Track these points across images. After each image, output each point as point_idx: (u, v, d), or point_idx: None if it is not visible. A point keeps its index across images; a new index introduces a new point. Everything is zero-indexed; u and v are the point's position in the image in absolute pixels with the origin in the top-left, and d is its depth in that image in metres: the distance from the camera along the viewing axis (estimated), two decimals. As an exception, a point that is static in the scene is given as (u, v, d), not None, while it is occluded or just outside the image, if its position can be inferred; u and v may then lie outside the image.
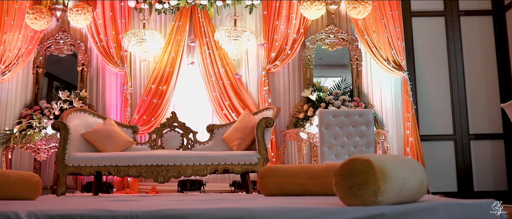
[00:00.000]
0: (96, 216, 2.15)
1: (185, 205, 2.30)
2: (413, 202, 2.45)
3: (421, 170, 2.60)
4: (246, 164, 4.70)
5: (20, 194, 3.69)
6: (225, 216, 2.12)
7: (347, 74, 6.68)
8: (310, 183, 3.53)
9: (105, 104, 6.60)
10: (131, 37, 6.17)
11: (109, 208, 2.20)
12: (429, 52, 7.01)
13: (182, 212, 2.14)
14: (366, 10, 6.27)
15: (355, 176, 2.27)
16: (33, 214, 2.18)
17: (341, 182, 2.32)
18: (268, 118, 4.75)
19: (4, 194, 3.63)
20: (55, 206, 2.51)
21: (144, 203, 2.64)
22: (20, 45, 6.52)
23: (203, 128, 5.93)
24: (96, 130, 5.19)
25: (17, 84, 6.62)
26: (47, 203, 2.98)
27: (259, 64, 6.62)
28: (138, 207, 2.20)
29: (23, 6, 6.59)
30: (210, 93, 6.41)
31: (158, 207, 2.21)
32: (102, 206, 2.36)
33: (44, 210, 2.19)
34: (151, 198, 3.58)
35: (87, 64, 6.62)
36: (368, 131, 5.01)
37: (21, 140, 5.84)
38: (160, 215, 2.14)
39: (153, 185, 6.09)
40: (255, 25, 6.69)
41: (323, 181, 3.51)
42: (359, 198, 2.25)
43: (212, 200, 3.01)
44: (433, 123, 6.84)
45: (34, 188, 3.77)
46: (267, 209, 2.16)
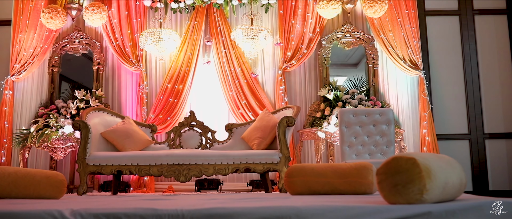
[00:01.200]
0: (141, 215, 2.14)
1: (229, 204, 2.29)
2: (453, 200, 2.44)
3: (459, 168, 2.59)
4: (267, 163, 4.70)
5: (45, 193, 3.68)
6: (271, 215, 2.11)
7: (362, 73, 6.67)
8: (338, 182, 3.53)
9: (120, 103, 6.59)
10: (148, 36, 6.16)
11: (154, 206, 2.19)
12: (443, 52, 7.00)
13: (228, 210, 2.13)
14: (382, 9, 6.26)
15: (399, 174, 2.26)
16: (78, 212, 2.17)
17: (385, 180, 2.31)
18: (290, 117, 4.75)
19: (30, 193, 3.63)
20: (96, 204, 2.50)
21: (186, 201, 2.63)
22: (35, 44, 6.52)
23: (220, 127, 5.92)
24: (115, 129, 5.19)
25: (32, 83, 6.61)
26: (81, 202, 2.97)
27: (275, 63, 6.61)
28: (182, 206, 2.19)
29: (38, 5, 6.58)
30: (227, 92, 6.40)
31: (202, 206, 2.20)
32: (146, 204, 2.35)
33: (88, 209, 2.19)
34: (188, 197, 3.56)
35: (102, 63, 6.61)
36: (388, 130, 5.01)
37: (38, 139, 5.83)
38: (206, 213, 2.13)
39: (169, 184, 6.08)
40: (271, 24, 6.68)
41: (351, 180, 3.51)
42: (404, 197, 2.24)
43: (247, 198, 2.99)
44: (448, 122, 6.82)
45: (59, 187, 3.77)
46: (313, 207, 2.15)
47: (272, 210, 2.13)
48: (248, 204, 2.29)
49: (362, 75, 6.63)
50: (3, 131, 6.29)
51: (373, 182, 3.49)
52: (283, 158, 4.69)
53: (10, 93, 6.42)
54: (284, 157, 4.69)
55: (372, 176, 3.50)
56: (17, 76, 6.45)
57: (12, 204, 2.74)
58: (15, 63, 6.47)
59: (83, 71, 6.73)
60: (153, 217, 2.14)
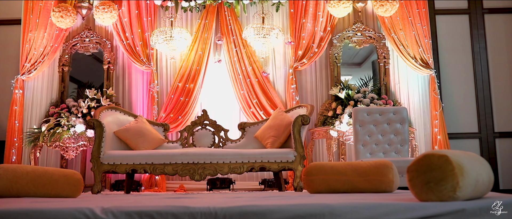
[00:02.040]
0: (173, 213, 2.13)
1: (260, 202, 2.28)
2: (482, 198, 2.43)
3: (487, 166, 2.58)
4: (282, 162, 4.69)
5: (63, 191, 3.67)
6: (305, 212, 2.10)
7: (366, 72, 6.67)
8: (359, 180, 3.52)
9: (131, 102, 6.58)
10: (159, 35, 6.15)
11: (186, 204, 2.18)
12: (453, 50, 6.99)
13: (261, 208, 2.11)
14: (393, 8, 6.25)
15: (432, 172, 2.25)
16: (109, 210, 2.16)
17: (416, 178, 2.30)
18: (305, 115, 4.74)
19: (48, 191, 3.61)
20: (123, 202, 2.49)
21: (214, 199, 2.62)
22: (45, 43, 6.51)
23: (231, 126, 5.91)
24: (128, 128, 5.17)
25: (42, 82, 6.60)
26: (105, 200, 2.95)
27: (286, 62, 6.60)
28: (214, 204, 2.18)
29: (48, 4, 6.57)
30: (238, 91, 6.39)
31: (234, 204, 2.19)
32: (173, 202, 2.34)
33: (119, 207, 2.17)
34: (212, 195, 3.54)
35: (113, 62, 6.60)
36: (402, 128, 5.00)
37: (50, 138, 5.82)
38: (239, 211, 2.12)
39: (181, 183, 6.07)
40: (282, 23, 6.67)
41: (371, 178, 3.50)
42: (437, 194, 2.23)
43: (273, 196, 2.98)
44: (458, 121, 6.81)
45: (77, 186, 3.75)
46: (346, 205, 2.14)
47: (306, 207, 2.12)
48: (279, 201, 2.27)
49: (366, 74, 6.62)
50: (14, 130, 6.28)
51: (393, 180, 3.49)
52: (298, 157, 4.68)
53: (20, 92, 6.41)
54: (299, 155, 4.68)
55: (393, 174, 3.50)
56: (27, 75, 6.44)
57: (36, 203, 2.73)
58: (25, 62, 6.45)
59: (89, 71, 6.72)
60: (185, 215, 2.13)
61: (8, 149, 6.25)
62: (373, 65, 6.84)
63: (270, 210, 2.10)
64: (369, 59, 6.80)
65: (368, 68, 6.77)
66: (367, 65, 6.78)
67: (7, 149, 6.25)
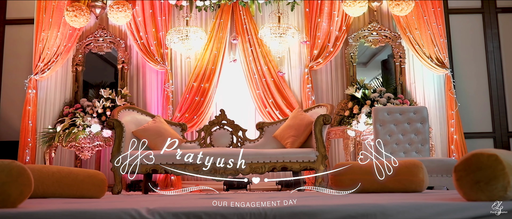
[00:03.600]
0: (222, 214, 2.10)
1: (311, 202, 2.26)
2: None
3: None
4: (304, 162, 4.66)
5: (88, 192, 3.64)
6: (356, 212, 2.08)
7: (380, 70, 6.66)
8: (388, 179, 3.49)
9: (145, 102, 6.55)
10: (175, 34, 6.12)
11: (235, 205, 2.15)
12: (466, 50, 6.97)
13: (312, 208, 2.09)
14: (409, 7, 6.23)
15: (481, 171, 2.23)
16: (155, 211, 2.13)
17: (464, 178, 2.27)
18: (326, 115, 4.71)
19: (73, 192, 3.58)
20: (164, 203, 2.46)
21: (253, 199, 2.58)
22: (58, 43, 6.47)
23: (246, 126, 5.88)
24: (147, 128, 5.14)
25: (56, 82, 6.57)
26: (141, 200, 2.93)
27: (302, 61, 6.57)
28: (264, 205, 2.15)
29: (61, 3, 6.53)
30: (253, 91, 6.36)
31: (283, 204, 2.16)
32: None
33: (165, 208, 2.15)
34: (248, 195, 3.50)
35: (127, 62, 6.57)
36: (423, 128, 4.98)
37: (65, 138, 5.78)
38: (289, 212, 2.10)
39: (196, 183, 6.04)
40: (297, 22, 6.64)
41: (401, 177, 3.48)
42: (487, 194, 2.21)
43: (312, 196, 2.95)
44: (472, 120, 6.79)
45: (101, 187, 3.73)
46: (397, 205, 2.12)
47: (357, 207, 2.09)
48: (328, 202, 2.25)
49: (373, 73, 6.61)
50: (27, 130, 6.24)
51: (423, 180, 3.47)
52: (320, 157, 4.66)
53: (34, 92, 6.37)
54: (321, 155, 4.65)
55: (423, 173, 3.48)
56: (40, 74, 6.40)
57: (73, 204, 2.70)
58: (39, 62, 6.41)
59: (96, 71, 6.68)
60: (234, 216, 2.10)
61: (21, 149, 6.21)
62: (382, 64, 6.83)
63: (321, 210, 2.08)
64: (374, 58, 6.78)
65: (375, 67, 6.74)
66: (373, 64, 6.76)
67: (20, 149, 6.21)
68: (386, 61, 6.90)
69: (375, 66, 6.83)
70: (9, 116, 6.84)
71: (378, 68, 6.85)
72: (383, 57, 6.86)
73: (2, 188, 2.33)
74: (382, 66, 6.90)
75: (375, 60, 6.81)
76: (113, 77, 6.90)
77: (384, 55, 6.83)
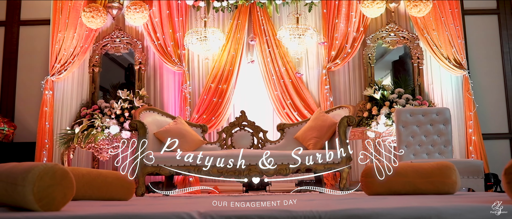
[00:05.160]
0: (275, 217, 2.08)
1: (364, 204, 2.24)
2: None
3: None
4: (328, 164, 4.65)
5: (117, 194, 3.62)
6: (411, 215, 2.06)
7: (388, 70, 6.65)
8: (420, 181, 3.48)
9: (163, 103, 6.53)
10: (193, 35, 6.11)
11: (288, 208, 2.14)
12: (482, 51, 6.96)
13: (366, 211, 2.08)
14: (427, 8, 6.22)
15: (534, 174, 2.21)
16: (208, 215, 2.11)
17: (516, 180, 2.26)
18: (350, 116, 4.71)
19: (103, 194, 3.56)
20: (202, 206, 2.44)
21: (315, 202, 2.57)
22: (75, 43, 6.46)
23: (264, 127, 5.86)
24: (169, 130, 5.13)
25: (72, 83, 6.55)
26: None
27: (319, 62, 6.56)
28: (317, 207, 2.14)
29: (77, 4, 6.52)
30: (272, 92, 6.35)
31: (338, 207, 2.15)
32: (280, 206, 2.30)
33: (217, 211, 2.13)
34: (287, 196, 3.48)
35: (144, 63, 6.56)
36: (446, 129, 4.98)
37: (84, 140, 5.77)
38: (344, 214, 2.08)
39: (215, 184, 6.03)
40: (315, 23, 6.63)
41: (434, 179, 3.47)
42: (539, 196, 2.19)
43: (352, 199, 2.93)
44: (488, 121, 6.78)
45: (130, 189, 3.72)
46: (453, 207, 2.11)
47: (412, 210, 2.08)
48: (383, 204, 2.23)
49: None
50: (44, 131, 6.23)
51: (456, 182, 3.46)
52: (344, 158, 4.65)
53: (51, 93, 6.35)
54: (345, 157, 4.64)
55: (456, 175, 3.47)
56: (57, 76, 6.38)
57: (108, 207, 2.69)
58: (55, 63, 6.40)
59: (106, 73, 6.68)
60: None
61: (38, 150, 6.19)
62: (393, 65, 6.83)
63: (376, 213, 2.07)
64: (383, 58, 6.78)
65: (384, 67, 6.74)
66: (382, 64, 6.75)
67: (37, 150, 6.20)
68: (397, 61, 6.90)
69: (384, 66, 6.80)
70: (24, 118, 6.82)
71: (386, 68, 6.83)
72: (393, 57, 6.86)
73: (47, 191, 2.31)
74: (393, 66, 6.90)
75: (384, 60, 6.79)
76: (123, 77, 6.90)
77: (395, 55, 6.83)
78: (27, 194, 2.25)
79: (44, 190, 2.27)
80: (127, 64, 6.86)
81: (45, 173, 2.32)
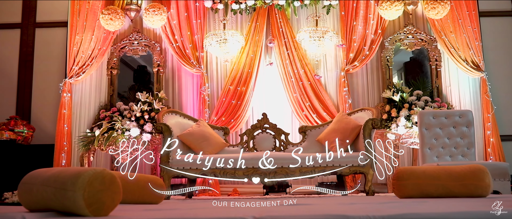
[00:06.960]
0: (333, 221, 2.10)
1: (419, 209, 2.25)
2: None
3: None
4: (354, 166, 4.66)
5: (148, 197, 3.64)
6: (471, 221, 2.08)
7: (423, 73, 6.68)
8: (453, 184, 3.49)
9: (181, 105, 6.54)
10: (213, 37, 6.12)
11: (343, 213, 2.15)
12: (498, 52, 6.96)
13: (422, 216, 2.09)
14: (445, 10, 6.24)
15: None
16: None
17: None
18: (375, 119, 4.73)
19: (135, 198, 3.58)
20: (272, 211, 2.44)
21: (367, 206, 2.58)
22: (93, 46, 6.47)
23: (284, 129, 5.87)
24: (192, 132, 5.14)
25: (90, 85, 6.56)
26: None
27: (338, 64, 6.57)
28: (372, 212, 2.15)
29: (95, 6, 6.53)
30: (290, 94, 6.36)
31: (390, 212, 2.16)
32: (333, 210, 2.31)
33: (272, 216, 2.14)
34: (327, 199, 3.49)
35: (162, 65, 6.57)
36: (469, 131, 4.99)
37: (105, 142, 5.78)
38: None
39: (234, 187, 6.04)
40: (333, 25, 6.64)
41: (467, 182, 3.48)
42: None
43: (391, 202, 2.93)
44: (504, 123, 6.78)
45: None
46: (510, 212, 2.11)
47: (471, 215, 2.09)
48: (435, 209, 2.25)
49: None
50: (63, 134, 6.23)
51: (489, 185, 3.47)
52: (370, 161, 4.66)
53: (69, 96, 6.35)
54: (370, 159, 4.66)
55: (489, 178, 3.48)
56: (75, 78, 6.39)
57: (155, 211, 2.70)
58: (73, 65, 6.41)
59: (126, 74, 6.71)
60: (344, 223, 2.10)
61: (57, 153, 6.19)
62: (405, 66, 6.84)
63: (430, 218, 2.08)
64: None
65: (394, 68, 6.75)
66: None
67: (56, 152, 6.20)
68: (408, 63, 6.91)
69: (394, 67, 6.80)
70: (41, 120, 6.82)
71: (396, 69, 6.83)
72: (404, 59, 6.87)
73: (97, 196, 2.32)
74: (405, 68, 6.91)
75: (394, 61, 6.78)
76: (132, 79, 6.91)
77: (406, 56, 6.84)
78: (78, 199, 2.25)
79: (94, 195, 2.28)
80: (136, 66, 6.88)
81: (95, 178, 2.32)
